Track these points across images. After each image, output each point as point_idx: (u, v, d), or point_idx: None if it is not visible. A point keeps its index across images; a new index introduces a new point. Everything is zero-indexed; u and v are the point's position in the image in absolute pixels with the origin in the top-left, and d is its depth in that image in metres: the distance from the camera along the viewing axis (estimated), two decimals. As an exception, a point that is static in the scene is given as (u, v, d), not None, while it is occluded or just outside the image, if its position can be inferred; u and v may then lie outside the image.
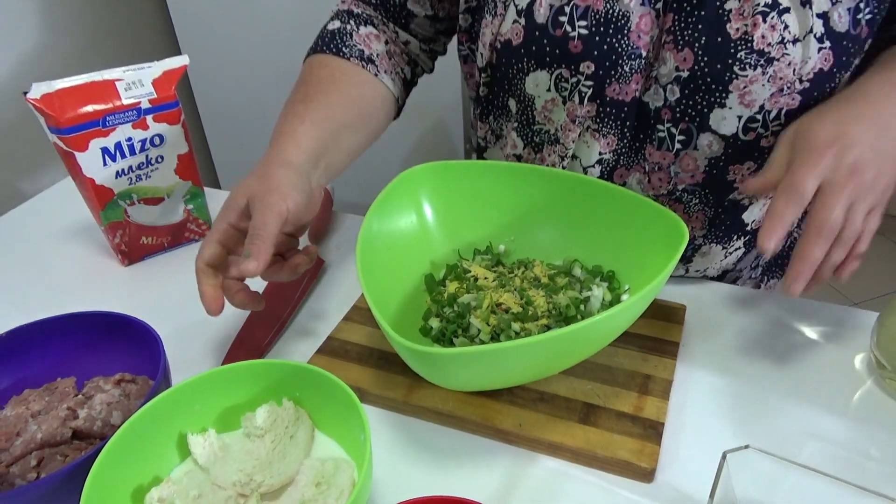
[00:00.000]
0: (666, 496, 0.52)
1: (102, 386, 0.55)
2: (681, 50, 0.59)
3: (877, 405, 0.59)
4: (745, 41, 0.57)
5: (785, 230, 0.50)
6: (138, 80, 0.73)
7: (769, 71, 0.58)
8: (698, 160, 0.65)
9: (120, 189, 0.75)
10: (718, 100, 0.60)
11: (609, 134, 0.66)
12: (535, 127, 0.70)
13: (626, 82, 0.62)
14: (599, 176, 0.70)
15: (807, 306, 0.69)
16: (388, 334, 0.49)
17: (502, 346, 0.47)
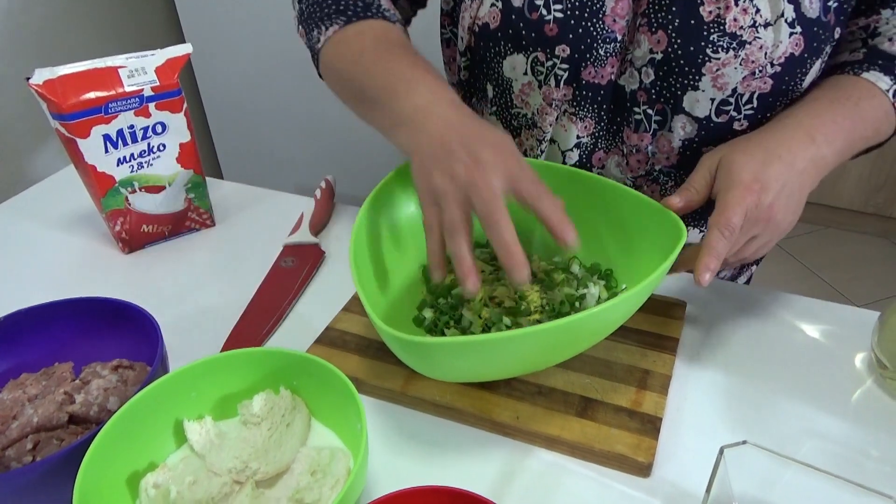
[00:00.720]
0: (662, 491, 0.52)
1: (100, 371, 0.55)
2: (654, 32, 0.60)
3: (877, 404, 0.58)
4: (717, 24, 0.58)
5: (719, 264, 0.52)
6: (141, 67, 0.73)
7: (741, 54, 0.58)
8: (673, 142, 0.66)
9: (121, 177, 0.75)
10: (692, 82, 0.61)
11: (586, 117, 0.67)
12: (513, 111, 0.70)
13: (601, 66, 0.63)
14: (578, 160, 0.70)
15: (808, 305, 0.69)
16: (373, 320, 0.49)
17: (487, 337, 0.47)
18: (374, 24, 0.63)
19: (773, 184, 0.54)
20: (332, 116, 1.56)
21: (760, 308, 0.69)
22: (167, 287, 0.75)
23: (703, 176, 0.57)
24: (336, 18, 0.64)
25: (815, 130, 0.58)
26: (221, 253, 0.81)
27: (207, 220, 0.84)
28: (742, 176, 0.54)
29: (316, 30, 0.65)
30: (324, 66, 0.66)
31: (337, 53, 0.63)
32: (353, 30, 0.63)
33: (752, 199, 0.53)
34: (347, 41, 0.62)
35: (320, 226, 0.83)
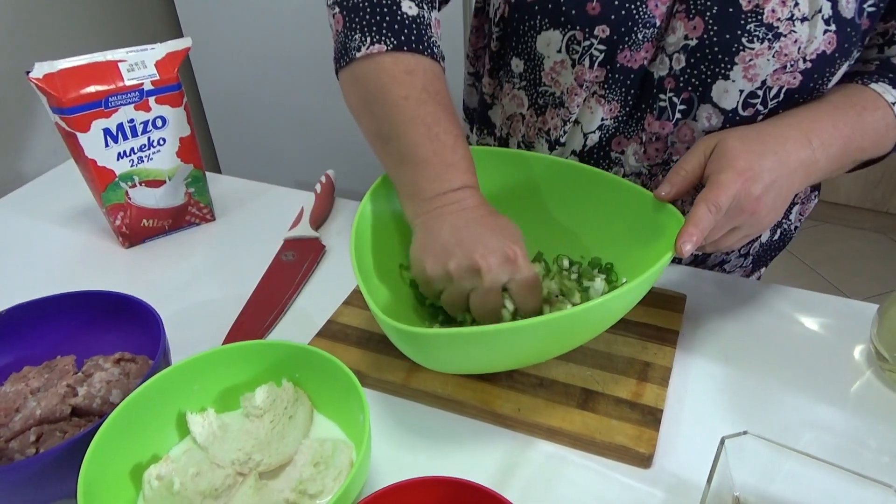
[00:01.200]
0: (663, 481, 0.52)
1: (102, 364, 0.55)
2: (692, 19, 0.60)
3: (875, 396, 0.59)
4: (755, 14, 0.58)
5: (701, 237, 0.52)
6: (141, 61, 0.73)
7: (775, 46, 0.58)
8: (696, 132, 0.65)
9: (121, 171, 0.75)
10: (723, 71, 0.60)
11: (613, 100, 0.66)
12: (541, 88, 0.69)
13: (637, 49, 0.62)
14: (598, 142, 0.70)
15: (807, 298, 0.69)
16: (373, 310, 0.49)
17: (487, 329, 0.47)
18: (426, 66, 0.59)
19: (764, 175, 0.54)
20: (330, 112, 1.56)
21: (760, 301, 0.69)
22: (167, 281, 0.75)
23: (696, 157, 0.57)
24: (386, 36, 0.58)
25: (812, 133, 0.58)
26: (221, 247, 0.81)
27: (207, 214, 0.84)
28: (737, 162, 0.54)
29: (359, 34, 0.59)
30: (353, 81, 0.61)
31: (377, 81, 0.58)
32: (403, 65, 0.58)
33: (743, 185, 0.53)
34: (394, 76, 0.57)
35: (321, 220, 0.83)
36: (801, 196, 0.79)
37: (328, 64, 1.53)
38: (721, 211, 0.52)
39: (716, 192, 0.52)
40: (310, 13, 1.45)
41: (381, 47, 0.58)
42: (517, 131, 0.75)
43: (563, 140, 0.71)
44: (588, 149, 0.70)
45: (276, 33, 1.49)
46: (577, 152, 0.71)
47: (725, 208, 0.53)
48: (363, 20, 0.59)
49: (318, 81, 1.52)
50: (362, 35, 0.59)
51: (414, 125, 0.56)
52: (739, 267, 0.80)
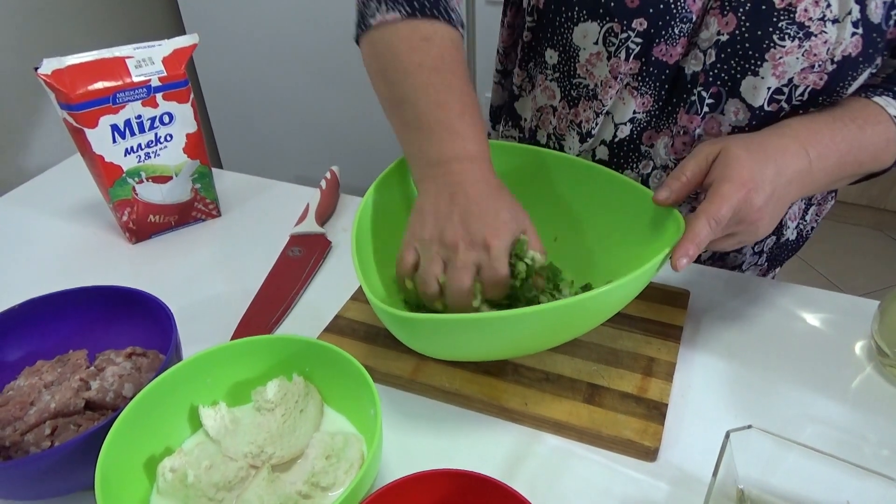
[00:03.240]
0: (668, 475, 0.53)
1: (114, 359, 0.56)
2: (725, 14, 0.60)
3: (876, 391, 0.60)
4: (788, 12, 0.58)
5: (698, 252, 0.53)
6: (148, 57, 0.73)
7: (805, 45, 0.58)
8: (722, 126, 0.66)
9: (129, 167, 0.76)
10: (752, 67, 0.61)
11: (647, 94, 0.67)
12: (575, 80, 0.70)
13: (672, 44, 0.63)
14: (629, 134, 0.70)
15: (808, 294, 0.70)
16: (369, 297, 0.50)
17: (472, 317, 0.48)
18: (442, 33, 0.59)
19: (766, 187, 0.55)
20: (332, 108, 1.56)
21: (762, 297, 0.70)
22: (175, 276, 0.76)
23: (698, 163, 0.57)
24: (400, 3, 0.59)
25: (810, 145, 0.58)
26: (228, 243, 0.82)
27: (213, 210, 0.85)
28: (741, 172, 0.54)
29: (374, 1, 0.60)
30: (370, 48, 0.62)
31: (393, 49, 0.59)
32: (419, 32, 0.58)
33: (745, 196, 0.53)
34: (409, 42, 0.58)
35: (326, 216, 0.84)
36: (818, 197, 0.79)
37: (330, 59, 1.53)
38: (721, 224, 0.53)
39: (717, 205, 0.53)
40: (312, 9, 1.45)
41: (395, 15, 0.59)
42: (547, 123, 0.76)
43: (594, 132, 0.71)
44: (618, 140, 0.71)
45: (277, 30, 1.49)
46: (606, 142, 0.72)
47: (727, 219, 0.53)
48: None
49: (320, 77, 1.53)
50: (377, 2, 0.60)
51: (425, 91, 0.57)
52: (755, 265, 0.81)
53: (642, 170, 0.72)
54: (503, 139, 0.86)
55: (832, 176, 0.61)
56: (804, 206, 0.78)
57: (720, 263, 0.80)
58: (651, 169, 0.72)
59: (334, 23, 1.44)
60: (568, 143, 0.74)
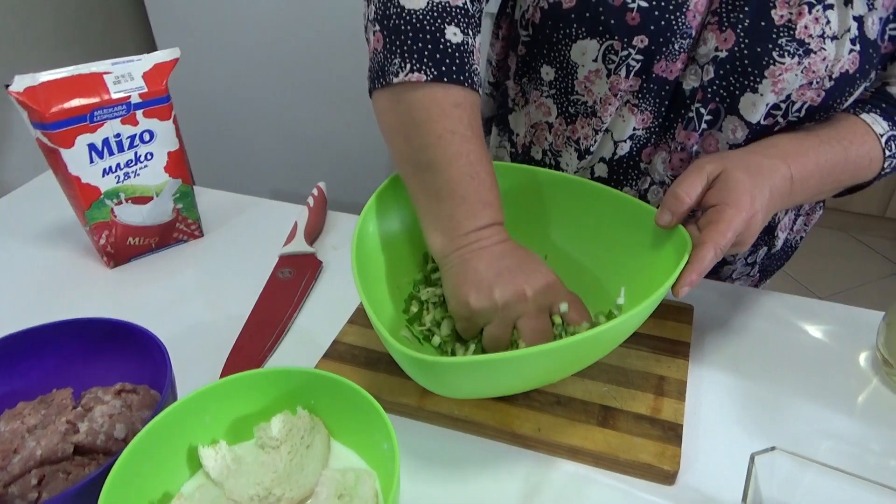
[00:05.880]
0: (688, 498, 0.52)
1: (102, 397, 0.52)
2: (724, 31, 0.60)
3: (886, 403, 0.60)
4: (787, 29, 0.58)
5: (700, 279, 0.52)
6: (128, 73, 0.70)
7: (804, 62, 0.58)
8: (720, 143, 0.65)
9: (107, 188, 0.72)
10: (751, 84, 0.60)
11: (646, 110, 0.66)
12: (573, 97, 0.68)
13: (673, 60, 0.62)
14: (628, 151, 0.69)
15: (809, 305, 0.70)
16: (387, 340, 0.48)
17: (506, 355, 0.46)
18: (472, 100, 0.57)
19: (763, 210, 0.55)
20: (307, 122, 1.53)
21: (763, 309, 0.69)
22: (157, 302, 0.72)
23: (700, 182, 0.56)
24: (427, 65, 0.55)
25: (795, 168, 0.58)
26: (212, 265, 0.78)
27: (196, 230, 0.81)
28: (743, 197, 0.53)
29: (398, 59, 0.56)
30: (392, 105, 0.58)
31: (422, 112, 0.56)
32: (450, 97, 0.56)
33: (747, 221, 0.54)
34: (441, 107, 0.56)
35: (315, 234, 0.81)
36: (807, 208, 0.79)
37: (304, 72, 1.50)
38: (725, 248, 0.53)
39: (723, 233, 0.52)
40: (285, 26, 1.42)
41: (421, 76, 0.55)
42: (542, 139, 0.74)
43: (592, 149, 0.70)
44: (618, 158, 0.70)
45: (250, 43, 1.46)
46: (606, 160, 0.71)
47: (730, 243, 0.53)
48: (404, 44, 0.56)
49: (293, 91, 1.50)
50: (402, 60, 0.56)
51: (457, 161, 0.55)
52: (746, 276, 0.81)
53: (640, 186, 0.71)
54: (494, 152, 0.85)
55: (809, 194, 0.62)
56: (794, 217, 0.78)
57: (714, 276, 0.80)
58: (649, 185, 0.71)
59: (310, 35, 1.41)
60: (565, 160, 0.73)
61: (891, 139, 0.62)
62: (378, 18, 0.58)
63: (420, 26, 0.56)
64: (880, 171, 0.64)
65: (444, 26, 0.56)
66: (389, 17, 0.57)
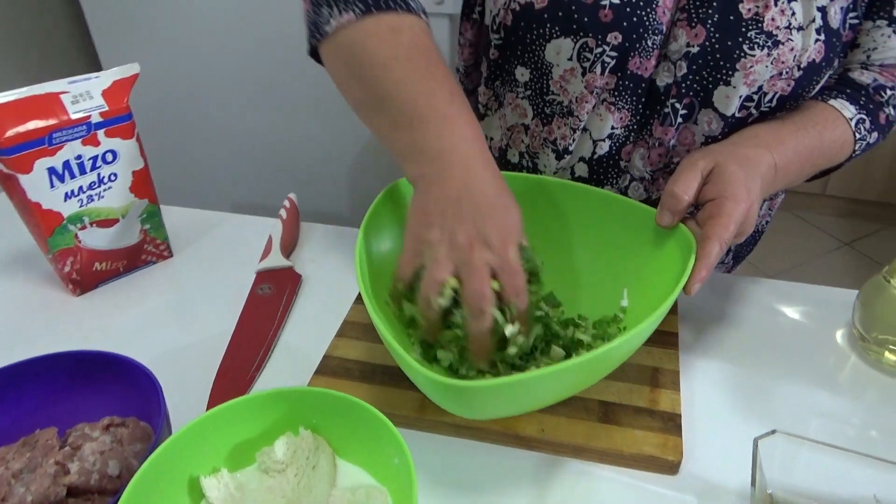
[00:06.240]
0: (693, 486, 0.53)
1: (89, 433, 0.50)
2: (693, 27, 0.61)
3: (865, 377, 0.62)
4: (755, 22, 0.59)
5: (710, 274, 0.53)
6: (86, 91, 0.66)
7: (774, 53, 0.60)
8: (696, 136, 0.66)
9: (70, 212, 0.68)
10: (724, 77, 0.62)
11: (624, 108, 0.66)
12: (548, 97, 0.68)
13: (647, 57, 0.63)
14: (607, 151, 0.69)
15: (784, 288, 0.73)
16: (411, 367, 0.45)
17: (538, 373, 0.44)
18: (410, 23, 0.56)
19: (757, 198, 0.56)
20: (265, 133, 1.50)
21: (741, 295, 0.71)
22: (129, 328, 0.69)
23: (695, 179, 0.57)
24: (353, 3, 0.55)
25: (777, 155, 0.60)
26: (185, 285, 0.75)
27: (165, 251, 0.78)
28: (739, 189, 0.55)
29: (326, 8, 0.56)
30: (334, 53, 0.58)
31: (362, 48, 0.55)
32: (386, 24, 0.55)
33: (746, 212, 0.55)
34: (378, 36, 0.54)
35: (290, 248, 0.79)
36: None
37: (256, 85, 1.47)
38: (730, 240, 0.54)
39: (725, 226, 0.53)
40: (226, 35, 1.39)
41: (350, 16, 0.55)
42: (519, 142, 0.74)
43: (571, 149, 0.70)
44: (598, 157, 0.70)
45: (194, 57, 1.42)
46: (586, 160, 0.71)
47: (733, 235, 0.54)
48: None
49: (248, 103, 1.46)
50: (329, 9, 0.56)
51: (406, 84, 0.53)
52: (721, 263, 0.83)
53: (621, 184, 0.72)
54: None
55: (789, 180, 0.64)
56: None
57: None
58: (629, 181, 0.72)
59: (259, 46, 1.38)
60: (542, 161, 0.73)
61: (859, 122, 0.65)
62: None
63: None
64: (852, 153, 0.66)
65: None
66: None
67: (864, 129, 0.65)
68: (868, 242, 2.34)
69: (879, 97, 0.66)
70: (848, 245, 2.33)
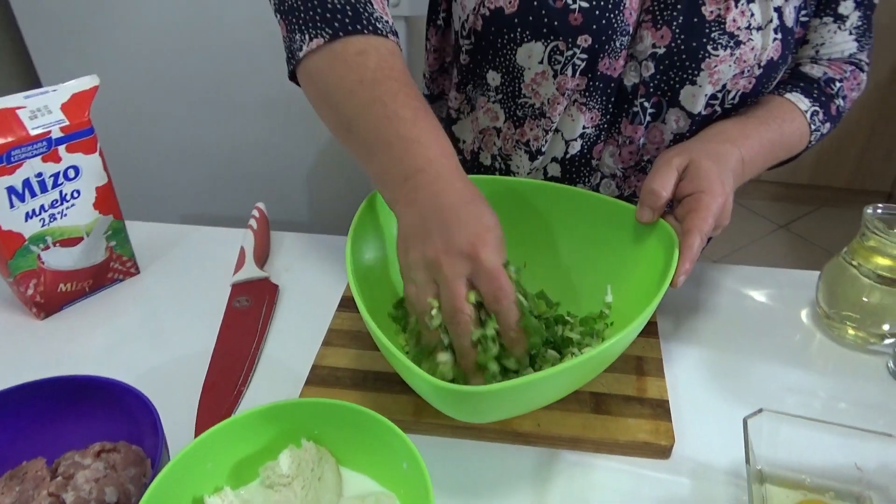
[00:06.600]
0: (685, 469, 0.55)
1: (80, 461, 0.48)
2: (659, 28, 0.63)
3: (829, 353, 0.66)
4: (718, 23, 0.62)
5: (693, 266, 0.55)
6: (44, 106, 0.64)
7: (736, 53, 0.63)
8: (664, 133, 0.69)
9: (31, 233, 0.65)
10: (690, 77, 0.64)
11: (594, 108, 0.68)
12: (520, 100, 0.69)
13: (615, 58, 0.65)
14: (579, 150, 0.71)
15: (747, 273, 0.76)
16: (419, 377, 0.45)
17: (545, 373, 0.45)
18: (375, 44, 0.56)
19: (731, 191, 0.59)
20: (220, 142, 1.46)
21: (711, 282, 0.74)
22: (100, 350, 0.67)
23: (672, 175, 0.59)
24: (322, 28, 0.55)
25: (745, 151, 0.63)
26: (155, 302, 0.73)
27: (132, 268, 0.76)
28: (715, 183, 0.57)
29: (298, 34, 0.57)
30: (306, 78, 0.58)
31: (330, 72, 0.55)
32: (351, 48, 0.55)
33: (722, 204, 0.57)
34: (344, 61, 0.55)
35: (263, 258, 0.78)
36: None
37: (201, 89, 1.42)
38: (709, 232, 0.56)
39: (703, 219, 0.55)
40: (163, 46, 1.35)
41: (319, 41, 0.55)
42: (491, 145, 0.75)
43: (543, 149, 0.72)
44: (570, 157, 0.72)
45: (132, 69, 1.38)
46: (558, 159, 0.72)
47: (712, 228, 0.56)
48: (300, 19, 0.56)
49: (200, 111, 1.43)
50: (301, 35, 0.56)
51: (372, 108, 0.52)
52: None
53: (592, 181, 0.74)
54: None
55: (754, 172, 0.67)
56: None
57: None
58: (600, 179, 0.74)
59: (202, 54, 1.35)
60: (515, 163, 0.74)
61: (814, 114, 0.69)
62: (276, 7, 0.60)
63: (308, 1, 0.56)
64: (808, 144, 0.70)
65: None
66: (284, 1, 0.58)
67: (818, 121, 0.69)
68: (802, 224, 2.46)
69: (830, 89, 0.70)
70: (784, 227, 2.45)
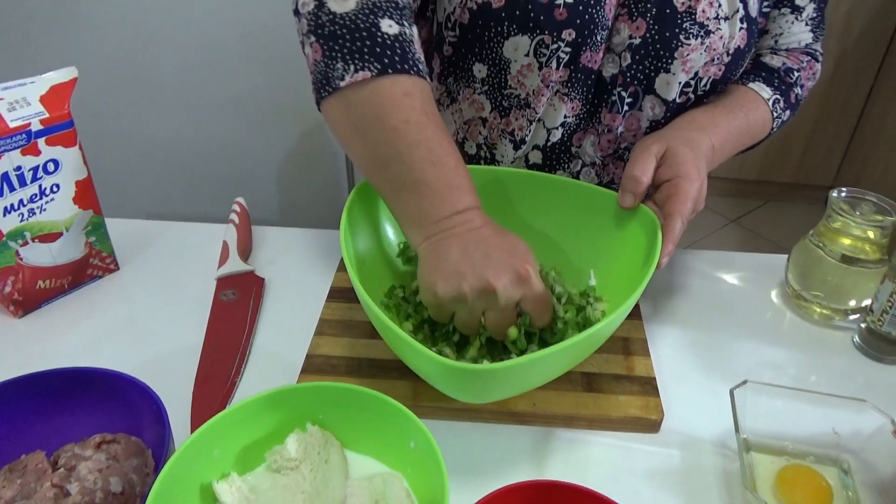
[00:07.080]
0: (674, 440, 0.57)
1: (81, 453, 0.47)
2: (634, 20, 0.66)
3: (798, 329, 0.70)
4: (689, 14, 0.65)
5: (675, 248, 0.58)
6: (22, 98, 0.62)
7: (706, 42, 0.66)
8: (641, 121, 0.72)
9: (10, 228, 0.64)
10: (664, 65, 0.67)
11: (575, 98, 0.70)
12: (506, 91, 0.71)
13: (596, 50, 0.67)
14: (560, 138, 0.74)
15: (717, 257, 0.80)
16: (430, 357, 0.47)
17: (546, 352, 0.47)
18: (421, 87, 0.56)
19: (705, 177, 0.62)
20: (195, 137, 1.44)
21: (685, 266, 0.77)
22: (81, 346, 0.65)
23: (651, 161, 0.61)
24: (370, 62, 0.55)
25: (714, 138, 0.67)
26: (136, 298, 0.72)
27: (111, 264, 0.74)
28: (691, 168, 0.60)
29: (341, 63, 0.55)
30: (343, 108, 0.57)
31: (374, 105, 0.55)
32: (400, 87, 0.55)
33: (699, 188, 0.60)
34: (391, 98, 0.55)
35: (247, 252, 0.77)
36: None
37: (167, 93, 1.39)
38: (689, 216, 0.59)
39: (683, 202, 0.58)
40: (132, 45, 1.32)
41: (366, 74, 0.54)
42: (476, 134, 0.76)
43: (527, 139, 0.74)
44: (551, 144, 0.74)
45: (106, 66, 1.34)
46: (540, 147, 0.74)
47: (691, 211, 0.59)
48: (343, 47, 0.55)
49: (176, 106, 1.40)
50: (345, 64, 0.55)
51: (416, 149, 0.54)
52: None
53: (573, 169, 0.76)
54: None
55: (723, 158, 0.71)
56: None
57: None
58: (581, 167, 0.76)
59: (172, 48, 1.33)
60: (500, 152, 0.76)
61: (775, 102, 0.72)
62: (312, 30, 0.58)
63: (354, 26, 0.56)
64: (770, 130, 0.74)
65: (378, 21, 0.56)
66: (323, 26, 0.57)
67: (779, 109, 0.73)
68: (751, 218, 2.56)
69: (789, 78, 0.74)
70: (734, 221, 2.54)
